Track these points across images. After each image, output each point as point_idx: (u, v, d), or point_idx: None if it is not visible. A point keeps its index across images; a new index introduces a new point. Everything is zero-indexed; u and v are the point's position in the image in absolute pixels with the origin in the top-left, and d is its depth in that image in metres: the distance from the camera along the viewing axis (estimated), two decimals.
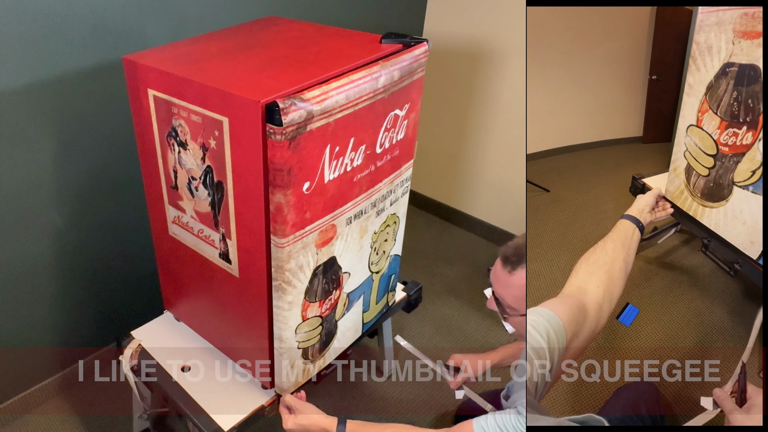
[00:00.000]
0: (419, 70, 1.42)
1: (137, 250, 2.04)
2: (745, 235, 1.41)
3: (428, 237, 3.05)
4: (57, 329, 1.99)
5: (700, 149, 1.51)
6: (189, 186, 1.36)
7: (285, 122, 1.08)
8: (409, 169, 1.59)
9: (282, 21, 1.65)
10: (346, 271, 1.48)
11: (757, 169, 1.32)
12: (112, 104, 1.74)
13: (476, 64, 2.71)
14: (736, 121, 1.36)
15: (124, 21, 1.69)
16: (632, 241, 1.31)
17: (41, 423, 1.99)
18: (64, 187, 1.77)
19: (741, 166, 1.37)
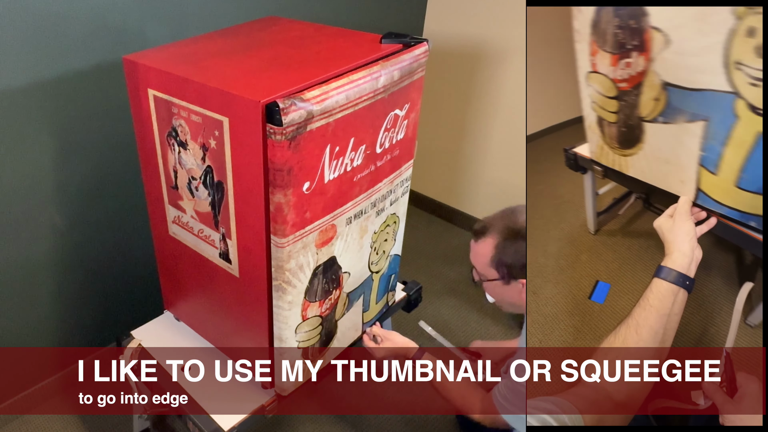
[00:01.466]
0: (419, 70, 1.42)
1: (137, 250, 2.04)
2: (672, 174, 1.31)
3: (428, 237, 3.04)
4: (57, 329, 1.99)
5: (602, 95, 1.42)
6: (189, 186, 1.36)
7: (285, 122, 1.08)
8: (409, 168, 1.59)
9: (282, 21, 1.65)
10: (346, 270, 1.48)
11: (659, 94, 1.23)
12: (112, 104, 1.74)
13: (476, 64, 2.71)
14: (624, 50, 1.28)
15: (124, 21, 1.69)
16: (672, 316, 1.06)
17: (41, 423, 1.99)
18: (64, 187, 1.77)
19: (643, 98, 1.28)
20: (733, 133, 1.15)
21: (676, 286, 1.05)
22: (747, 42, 1.05)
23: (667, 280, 1.06)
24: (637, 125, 1.35)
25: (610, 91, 1.38)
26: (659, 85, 1.24)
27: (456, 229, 3.12)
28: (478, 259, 1.35)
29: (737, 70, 1.08)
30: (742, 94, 1.10)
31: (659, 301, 1.06)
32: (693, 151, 1.23)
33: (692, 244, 1.09)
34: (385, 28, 1.55)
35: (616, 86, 1.35)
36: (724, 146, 1.17)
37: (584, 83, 1.53)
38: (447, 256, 2.89)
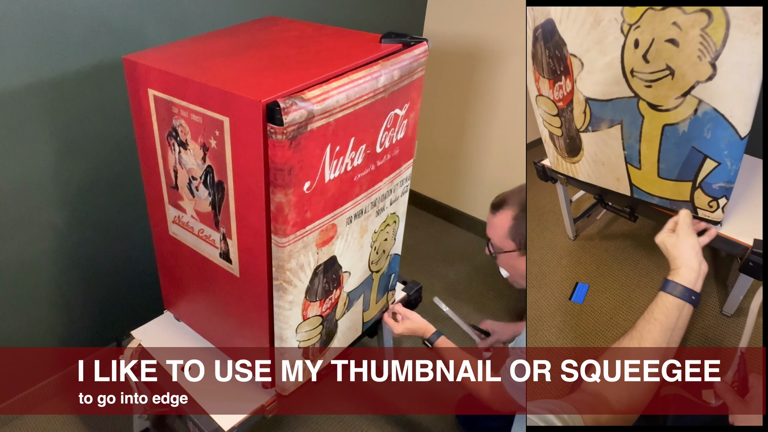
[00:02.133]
0: (419, 70, 1.42)
1: (137, 250, 2.04)
2: (608, 174, 1.47)
3: (428, 237, 3.04)
4: (57, 329, 1.99)
5: (548, 113, 1.60)
6: (189, 186, 1.36)
7: (286, 122, 1.08)
8: (408, 168, 1.59)
9: (282, 21, 1.65)
10: (347, 270, 1.48)
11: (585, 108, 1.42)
12: (112, 104, 1.74)
13: (476, 63, 2.71)
14: (557, 76, 1.47)
15: (124, 21, 1.69)
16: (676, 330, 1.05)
17: (41, 423, 1.99)
18: (64, 187, 1.77)
19: (576, 113, 1.48)
20: (643, 130, 1.31)
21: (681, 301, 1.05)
22: (635, 53, 1.23)
23: (673, 295, 1.06)
24: (576, 136, 1.52)
25: (553, 110, 1.57)
26: (583, 101, 1.43)
27: (456, 229, 3.12)
28: (495, 231, 1.41)
29: (633, 77, 1.26)
30: (642, 96, 1.27)
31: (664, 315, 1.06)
32: (618, 151, 1.40)
33: (699, 258, 1.08)
34: (384, 28, 1.55)
35: (556, 105, 1.54)
36: (640, 143, 1.34)
37: (535, 105, 1.72)
38: (447, 256, 2.89)
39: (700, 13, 1.11)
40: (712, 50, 1.13)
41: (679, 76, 1.20)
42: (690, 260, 1.08)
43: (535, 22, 1.52)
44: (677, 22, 1.15)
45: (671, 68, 1.20)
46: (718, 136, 1.21)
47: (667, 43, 1.18)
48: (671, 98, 1.24)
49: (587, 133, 1.48)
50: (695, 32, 1.13)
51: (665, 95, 1.24)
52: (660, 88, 1.24)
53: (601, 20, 1.29)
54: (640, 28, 1.22)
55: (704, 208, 1.33)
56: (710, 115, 1.20)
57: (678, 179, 1.33)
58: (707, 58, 1.14)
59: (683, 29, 1.15)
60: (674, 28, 1.16)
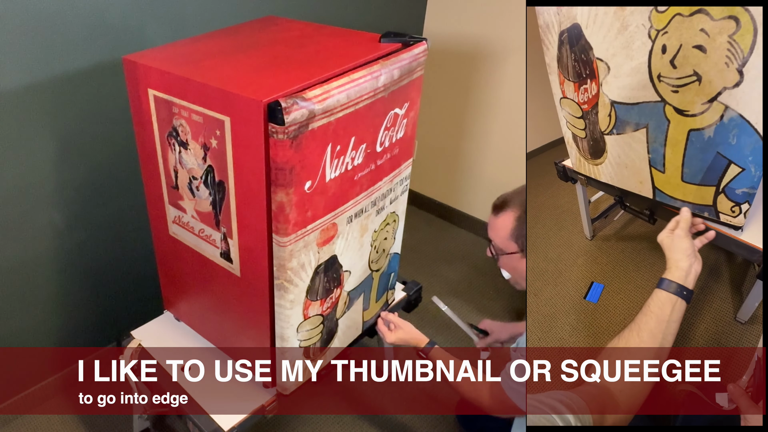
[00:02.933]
0: (418, 69, 1.42)
1: (137, 250, 2.04)
2: (632, 177, 1.50)
3: (428, 237, 3.05)
4: (57, 329, 1.99)
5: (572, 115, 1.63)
6: (190, 186, 1.36)
7: (287, 121, 1.08)
8: (408, 167, 1.60)
9: (281, 21, 1.65)
10: (347, 269, 1.48)
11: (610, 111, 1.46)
12: (112, 104, 1.74)
13: (476, 63, 2.72)
14: (582, 79, 1.51)
15: (124, 21, 1.69)
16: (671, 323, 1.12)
17: (41, 423, 1.99)
18: (64, 187, 1.77)
19: (600, 115, 1.50)
20: (668, 135, 1.33)
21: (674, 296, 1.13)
22: (662, 58, 1.25)
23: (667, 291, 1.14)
24: (600, 138, 1.55)
25: (577, 112, 1.60)
26: (609, 104, 1.46)
27: (456, 229, 3.12)
28: (498, 233, 1.39)
29: (660, 82, 1.28)
30: (668, 101, 1.29)
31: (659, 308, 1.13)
32: (642, 154, 1.43)
33: (690, 261, 1.15)
34: (384, 28, 1.55)
35: (580, 108, 1.57)
36: (665, 147, 1.35)
37: (559, 107, 1.75)
38: (447, 256, 2.89)
39: (728, 20, 1.12)
40: (739, 57, 1.13)
41: (706, 82, 1.21)
42: (680, 261, 1.16)
43: (561, 26, 1.52)
44: (705, 29, 1.16)
45: (698, 74, 1.21)
46: (743, 142, 1.22)
47: (695, 49, 1.19)
48: (698, 104, 1.25)
49: (612, 136, 1.50)
50: (723, 39, 1.14)
51: (692, 101, 1.25)
52: (687, 94, 1.25)
53: (628, 25, 1.31)
54: (667, 34, 1.23)
55: (727, 213, 1.34)
56: (736, 122, 1.20)
57: (702, 184, 1.34)
58: (735, 65, 1.15)
59: (711, 36, 1.16)
60: (702, 34, 1.17)
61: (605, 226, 2.41)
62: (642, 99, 1.35)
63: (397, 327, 1.64)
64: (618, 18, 1.33)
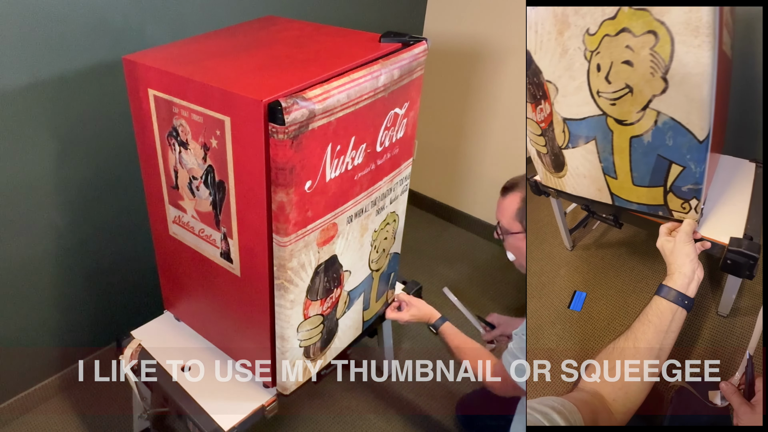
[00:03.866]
0: (418, 69, 1.42)
1: (137, 250, 2.04)
2: (591, 186, 1.60)
3: (428, 236, 3.05)
4: (57, 329, 1.99)
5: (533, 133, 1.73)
6: (190, 186, 1.36)
7: (287, 121, 1.08)
8: (408, 167, 1.60)
9: (281, 20, 1.65)
10: (347, 269, 1.48)
11: (564, 128, 1.57)
12: (111, 104, 1.74)
13: (476, 63, 2.72)
14: (537, 100, 1.62)
15: (124, 21, 1.69)
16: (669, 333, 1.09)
17: (41, 423, 1.99)
18: (64, 188, 1.77)
19: (556, 132, 1.61)
20: (614, 144, 1.43)
21: (675, 305, 1.10)
22: (598, 76, 1.37)
23: (667, 299, 1.11)
24: (559, 153, 1.65)
25: (537, 130, 1.70)
26: (561, 121, 1.56)
27: (456, 229, 3.12)
28: (504, 213, 1.47)
29: (600, 97, 1.40)
30: (609, 113, 1.40)
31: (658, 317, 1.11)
32: (596, 164, 1.52)
33: (693, 266, 1.14)
34: (384, 28, 1.55)
35: (539, 126, 1.68)
36: (613, 155, 1.45)
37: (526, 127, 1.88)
38: (447, 256, 2.89)
39: (647, 34, 1.24)
40: (662, 66, 1.24)
41: (638, 92, 1.31)
42: (684, 266, 1.15)
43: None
44: (630, 45, 1.28)
45: (630, 86, 1.32)
46: (679, 142, 1.31)
47: (624, 65, 1.30)
48: (633, 112, 1.35)
49: (568, 150, 1.59)
50: (645, 52, 1.25)
51: (628, 110, 1.36)
52: (623, 105, 1.36)
53: (567, 49, 1.43)
54: (600, 54, 1.35)
55: (678, 210, 1.43)
56: (669, 124, 1.30)
57: (651, 185, 1.43)
58: (659, 74, 1.25)
59: (635, 50, 1.27)
60: (628, 50, 1.29)
61: (584, 235, 2.46)
62: (587, 114, 1.46)
63: (410, 305, 1.70)
64: (559, 44, 1.45)
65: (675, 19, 1.19)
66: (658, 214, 1.48)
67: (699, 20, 1.16)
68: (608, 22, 1.31)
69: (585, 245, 2.42)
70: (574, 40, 1.41)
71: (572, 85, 1.47)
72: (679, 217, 1.44)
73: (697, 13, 1.16)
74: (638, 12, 1.24)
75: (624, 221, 1.73)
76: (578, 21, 1.38)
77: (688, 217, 1.42)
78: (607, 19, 1.31)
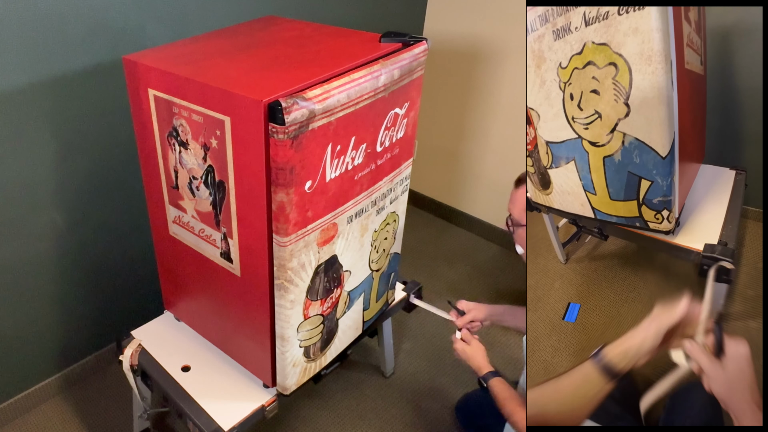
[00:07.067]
0: (419, 69, 1.42)
1: (137, 250, 2.04)
2: (575, 202, 1.72)
3: (428, 236, 3.05)
4: (57, 329, 1.99)
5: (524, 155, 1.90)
6: (190, 186, 1.36)
7: (287, 121, 1.08)
8: (408, 167, 1.60)
9: (281, 20, 1.65)
10: (347, 269, 1.48)
11: (547, 150, 1.72)
12: (112, 104, 1.74)
13: (476, 63, 2.72)
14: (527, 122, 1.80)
15: (124, 21, 1.69)
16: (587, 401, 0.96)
17: (41, 423, 1.99)
18: (64, 187, 1.77)
19: (541, 153, 1.76)
20: (590, 163, 1.57)
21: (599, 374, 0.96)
22: (571, 104, 1.53)
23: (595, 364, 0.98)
24: (545, 172, 1.79)
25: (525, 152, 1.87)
26: (545, 144, 1.71)
27: (456, 229, 3.12)
28: (516, 205, 1.46)
29: (574, 122, 1.55)
30: (583, 136, 1.55)
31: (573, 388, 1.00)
32: (576, 182, 1.66)
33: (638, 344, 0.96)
34: (384, 28, 1.55)
35: (527, 148, 1.85)
36: (590, 173, 1.59)
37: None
38: (447, 256, 2.90)
39: (609, 66, 1.38)
40: (623, 93, 1.38)
41: (605, 117, 1.45)
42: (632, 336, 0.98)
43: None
44: (595, 76, 1.42)
45: (598, 112, 1.46)
46: (644, 159, 1.44)
47: (592, 93, 1.45)
48: (603, 135, 1.48)
49: (553, 169, 1.74)
50: (609, 81, 1.39)
51: (599, 133, 1.49)
52: (594, 129, 1.50)
53: (545, 81, 1.59)
54: (571, 84, 1.50)
55: (652, 220, 1.55)
56: (634, 144, 1.43)
57: (626, 199, 1.56)
58: (621, 99, 1.39)
59: (600, 80, 1.41)
60: (594, 81, 1.43)
61: (578, 248, 2.53)
62: (565, 137, 1.61)
63: (468, 342, 1.60)
64: (538, 75, 1.61)
65: (630, 51, 1.33)
66: (636, 225, 1.60)
67: (651, 50, 1.30)
68: (576, 56, 1.46)
69: (578, 258, 2.49)
70: (550, 73, 1.56)
71: (551, 112, 1.62)
72: (655, 227, 1.56)
73: (649, 44, 1.29)
74: (600, 47, 1.38)
75: (609, 233, 1.85)
76: (552, 56, 1.53)
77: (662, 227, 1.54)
78: (575, 54, 1.46)
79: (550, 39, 1.51)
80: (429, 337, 2.39)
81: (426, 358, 2.30)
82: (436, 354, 2.31)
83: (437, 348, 2.34)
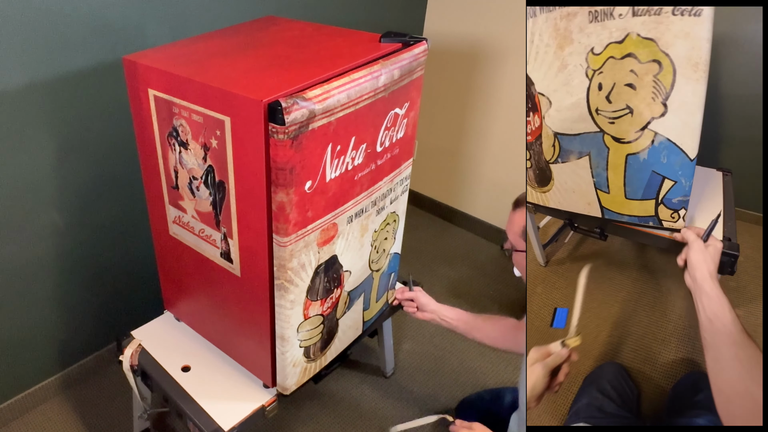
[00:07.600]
0: (419, 69, 1.42)
1: (137, 250, 2.04)
2: (580, 201, 1.66)
3: (428, 237, 3.05)
4: (57, 329, 1.99)
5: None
6: (190, 186, 1.36)
7: (287, 121, 1.08)
8: (408, 167, 1.60)
9: (281, 21, 1.65)
10: (347, 269, 1.48)
11: (554, 142, 1.62)
12: (112, 104, 1.74)
13: (476, 63, 2.72)
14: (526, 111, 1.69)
15: (124, 21, 1.69)
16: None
17: (41, 423, 1.99)
18: (64, 187, 1.77)
19: (545, 146, 1.66)
20: (609, 160, 1.51)
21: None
22: (599, 94, 1.44)
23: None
24: (546, 167, 1.70)
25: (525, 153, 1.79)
26: (552, 135, 1.61)
27: (456, 229, 3.12)
28: (512, 228, 1.43)
29: (598, 115, 1.47)
30: (607, 131, 1.48)
31: None
32: (587, 179, 1.59)
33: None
34: (384, 28, 1.55)
35: (526, 139, 1.74)
36: (607, 171, 1.53)
37: None
38: (447, 256, 2.89)
39: (652, 63, 1.33)
40: (663, 93, 1.35)
41: (637, 113, 1.40)
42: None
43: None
44: (634, 70, 1.37)
45: (630, 107, 1.41)
46: (672, 160, 1.42)
47: (627, 87, 1.39)
48: (632, 132, 1.44)
49: (557, 164, 1.66)
50: (649, 78, 1.35)
51: (626, 130, 1.44)
52: (622, 124, 1.44)
53: (567, 65, 1.49)
54: (603, 74, 1.43)
55: (667, 219, 1.53)
56: (665, 144, 1.41)
57: (643, 198, 1.53)
58: (659, 99, 1.36)
59: (639, 75, 1.36)
60: (632, 74, 1.38)
61: (557, 250, 2.47)
62: (582, 130, 1.53)
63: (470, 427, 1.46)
64: (558, 58, 1.50)
65: (679, 53, 1.30)
66: (649, 224, 1.58)
67: (699, 57, 1.28)
68: (614, 45, 1.38)
69: (559, 259, 2.43)
70: (575, 57, 1.46)
71: (568, 101, 1.52)
72: (668, 225, 1.55)
73: (698, 52, 1.28)
74: (645, 41, 1.33)
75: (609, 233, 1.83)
76: (583, 39, 1.44)
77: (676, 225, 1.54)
78: (614, 42, 1.38)
79: (584, 19, 1.41)
80: (429, 337, 2.39)
81: (426, 358, 2.30)
82: (436, 354, 2.31)
83: (437, 348, 2.34)
